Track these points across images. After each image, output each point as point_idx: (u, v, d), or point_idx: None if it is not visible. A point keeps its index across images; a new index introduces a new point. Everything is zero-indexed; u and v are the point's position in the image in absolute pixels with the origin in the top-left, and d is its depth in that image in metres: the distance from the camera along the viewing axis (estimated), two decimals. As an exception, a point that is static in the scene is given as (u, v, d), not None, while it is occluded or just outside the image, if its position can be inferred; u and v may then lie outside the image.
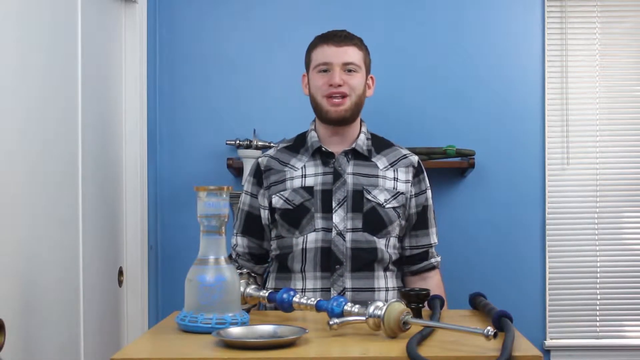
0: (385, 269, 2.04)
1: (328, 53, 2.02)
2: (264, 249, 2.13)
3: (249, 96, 3.00)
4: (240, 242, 2.13)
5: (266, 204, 2.07)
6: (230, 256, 2.05)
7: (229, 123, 2.98)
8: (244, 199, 2.13)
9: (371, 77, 2.12)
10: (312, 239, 1.99)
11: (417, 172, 2.11)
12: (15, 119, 1.69)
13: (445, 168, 2.91)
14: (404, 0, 3.02)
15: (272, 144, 2.87)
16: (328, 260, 1.98)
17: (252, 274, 1.78)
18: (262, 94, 3.01)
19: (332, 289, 1.97)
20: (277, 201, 2.03)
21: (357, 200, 2.01)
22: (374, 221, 2.01)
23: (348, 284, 1.98)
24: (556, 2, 3.03)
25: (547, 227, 3.00)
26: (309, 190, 2.02)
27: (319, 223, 2.00)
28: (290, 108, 2.92)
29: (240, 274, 1.70)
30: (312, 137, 2.09)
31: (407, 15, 3.02)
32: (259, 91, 3.01)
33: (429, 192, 2.13)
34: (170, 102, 3.00)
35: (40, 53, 1.86)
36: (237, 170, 2.91)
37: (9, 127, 1.66)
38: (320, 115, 2.05)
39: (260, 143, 2.87)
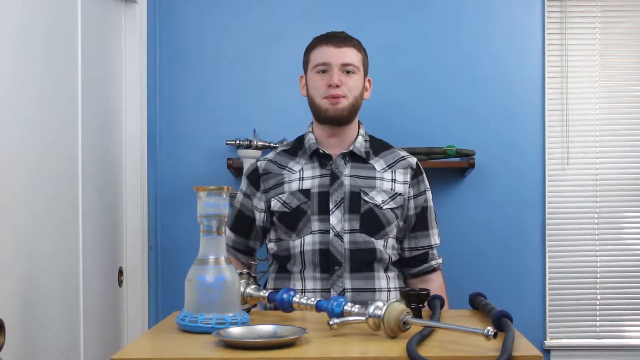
0: (386, 270, 2.03)
1: (327, 54, 2.02)
2: (248, 247, 2.18)
3: (249, 96, 3.00)
4: (228, 235, 2.16)
5: (263, 207, 2.07)
6: None
7: (229, 123, 2.98)
8: (238, 196, 2.17)
9: (368, 80, 2.11)
10: (309, 241, 1.99)
11: (416, 173, 2.10)
12: (15, 119, 1.69)
13: (445, 168, 2.91)
14: (404, 1, 3.03)
15: (272, 144, 2.87)
16: (327, 262, 1.98)
17: (252, 274, 1.77)
18: (262, 94, 3.01)
19: (331, 289, 1.97)
20: (275, 204, 2.04)
21: (354, 202, 2.00)
22: (372, 222, 2.00)
23: (347, 284, 1.97)
24: (556, 2, 3.03)
25: (547, 227, 3.00)
26: (306, 193, 2.02)
27: (316, 225, 2.00)
28: (290, 108, 2.92)
29: (240, 274, 1.70)
30: (310, 139, 2.09)
31: (407, 15, 3.02)
32: (259, 91, 3.01)
33: (429, 194, 2.12)
34: (170, 102, 3.00)
35: (40, 53, 1.86)
36: (237, 170, 2.91)
37: (9, 128, 1.66)
38: (319, 114, 2.05)
39: (260, 143, 2.87)
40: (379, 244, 2.01)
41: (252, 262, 2.18)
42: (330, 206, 2.00)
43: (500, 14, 3.03)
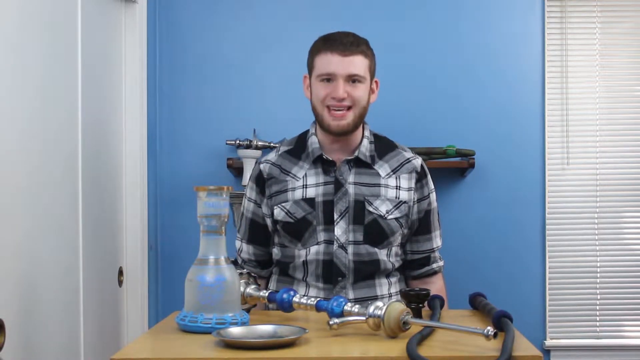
0: (388, 276, 2.02)
1: (332, 63, 1.92)
2: (269, 254, 2.09)
3: (249, 96, 3.00)
4: (246, 249, 2.10)
5: (268, 212, 2.03)
6: (235, 261, 2.03)
7: (229, 123, 2.98)
8: (247, 205, 2.08)
9: (376, 82, 2.03)
10: (314, 251, 1.96)
11: (420, 176, 2.05)
12: (15, 119, 1.69)
13: (445, 168, 2.91)
14: (404, 1, 3.03)
15: (272, 144, 2.87)
16: (330, 273, 1.96)
17: (252, 274, 1.77)
18: (262, 94, 3.01)
19: None
20: (278, 213, 1.99)
21: (359, 212, 1.96)
22: (376, 233, 1.97)
23: (350, 295, 1.95)
24: (556, 2, 3.03)
25: (547, 227, 3.01)
26: (310, 202, 1.97)
27: (321, 236, 1.96)
28: (290, 108, 2.92)
29: (240, 274, 1.70)
30: (313, 143, 2.02)
31: (407, 15, 3.02)
32: (259, 91, 3.01)
33: (433, 195, 2.08)
34: (170, 102, 3.00)
35: (40, 53, 1.86)
36: (237, 170, 2.91)
37: (9, 127, 1.66)
38: (322, 125, 1.98)
39: (260, 143, 2.87)
40: (382, 254, 1.98)
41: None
42: (335, 216, 1.96)
43: (500, 14, 3.03)
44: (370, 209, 1.97)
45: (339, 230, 1.96)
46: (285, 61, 2.97)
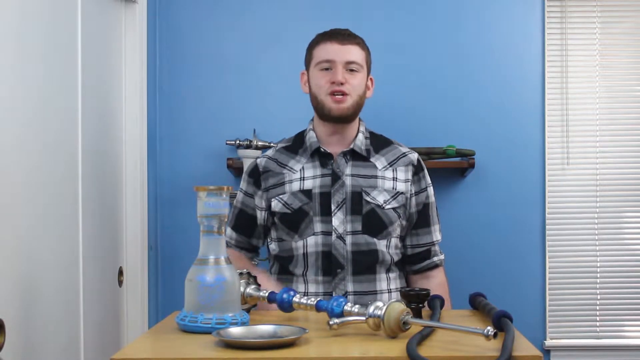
0: (388, 271, 2.03)
1: (331, 51, 2.01)
2: (252, 245, 2.15)
3: (249, 96, 3.01)
4: (229, 234, 2.15)
5: (264, 205, 2.06)
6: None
7: (229, 123, 2.98)
8: (238, 196, 2.15)
9: (371, 79, 2.10)
10: (312, 242, 1.98)
11: (417, 170, 2.09)
12: (15, 120, 1.69)
13: (445, 168, 2.91)
14: (404, 1, 3.03)
15: (272, 144, 2.87)
16: (329, 264, 1.97)
17: (252, 274, 1.77)
18: (262, 94, 3.01)
19: (334, 292, 1.96)
20: (276, 205, 2.03)
21: (356, 202, 2.00)
22: (374, 223, 1.99)
23: (350, 287, 1.97)
24: (556, 2, 3.03)
25: (547, 227, 3.01)
26: (307, 193, 2.01)
27: (318, 227, 1.99)
28: (290, 108, 2.92)
29: (240, 274, 1.70)
30: (311, 137, 2.07)
31: (407, 14, 3.02)
32: (259, 91, 3.01)
33: (431, 189, 2.11)
34: (170, 102, 3.00)
35: (40, 53, 1.86)
36: (237, 170, 2.91)
37: (9, 128, 1.66)
38: (322, 112, 2.03)
39: (260, 143, 2.87)
40: (381, 244, 2.00)
41: (253, 262, 2.18)
42: (332, 207, 1.99)
43: (500, 14, 3.03)
44: (368, 199, 2.00)
45: (337, 221, 1.99)
46: (285, 61, 2.97)
